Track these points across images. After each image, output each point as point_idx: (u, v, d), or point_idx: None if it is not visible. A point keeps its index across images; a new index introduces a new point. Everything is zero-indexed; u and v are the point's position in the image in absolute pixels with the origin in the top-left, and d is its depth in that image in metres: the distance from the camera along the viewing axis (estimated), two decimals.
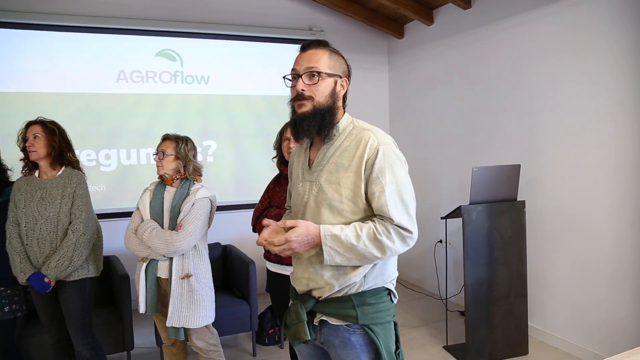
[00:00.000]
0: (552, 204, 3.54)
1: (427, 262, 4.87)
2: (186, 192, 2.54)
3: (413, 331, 3.90)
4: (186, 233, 2.42)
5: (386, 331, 1.58)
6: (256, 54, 4.95)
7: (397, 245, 1.48)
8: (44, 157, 2.56)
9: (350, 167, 1.51)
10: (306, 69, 1.55)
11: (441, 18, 4.68)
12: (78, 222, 2.52)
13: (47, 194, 2.52)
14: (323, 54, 1.57)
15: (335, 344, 1.57)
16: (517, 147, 3.82)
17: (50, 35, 4.23)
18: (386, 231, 1.46)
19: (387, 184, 1.48)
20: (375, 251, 1.46)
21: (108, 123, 4.43)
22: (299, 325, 1.56)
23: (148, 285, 2.49)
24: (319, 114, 1.54)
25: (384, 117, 5.56)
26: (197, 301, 2.49)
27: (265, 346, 3.66)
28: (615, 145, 3.10)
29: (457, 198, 4.34)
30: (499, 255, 3.34)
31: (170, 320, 2.46)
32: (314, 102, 1.54)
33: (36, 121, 2.59)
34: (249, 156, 4.96)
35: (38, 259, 2.48)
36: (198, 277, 2.52)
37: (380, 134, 1.55)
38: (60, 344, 2.67)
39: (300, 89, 1.55)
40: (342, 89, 1.59)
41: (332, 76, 1.56)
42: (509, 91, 3.89)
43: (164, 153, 2.53)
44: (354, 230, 1.47)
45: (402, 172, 1.53)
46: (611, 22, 3.08)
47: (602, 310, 3.22)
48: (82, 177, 2.64)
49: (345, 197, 1.51)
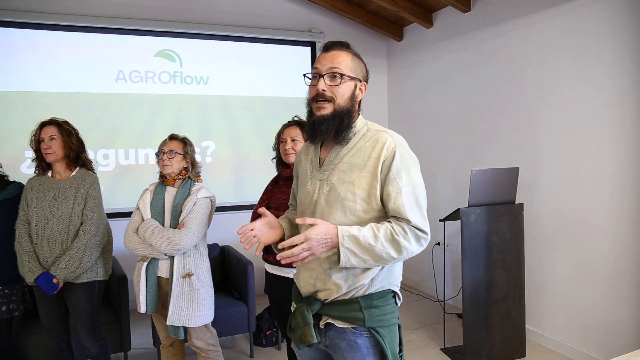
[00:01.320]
0: (551, 206, 3.55)
1: (425, 264, 4.87)
2: (187, 192, 2.56)
3: (411, 333, 3.90)
4: (189, 231, 2.44)
5: (391, 333, 1.58)
6: (256, 55, 4.96)
7: (413, 246, 1.48)
8: (61, 158, 2.56)
9: (366, 167, 1.51)
10: (329, 69, 1.53)
11: (440, 21, 4.69)
12: (90, 223, 2.52)
13: (60, 194, 2.52)
14: (346, 56, 1.56)
15: (341, 347, 1.56)
16: (515, 150, 3.83)
17: (49, 35, 4.23)
18: (403, 231, 1.46)
19: (404, 186, 1.48)
20: (393, 251, 1.45)
21: (106, 123, 4.43)
22: (305, 328, 1.55)
23: (149, 284, 2.48)
24: (338, 117, 1.53)
25: (382, 119, 5.56)
26: (197, 300, 2.49)
27: (263, 347, 3.66)
28: (614, 149, 3.11)
29: (456, 200, 4.34)
30: (497, 258, 3.34)
31: (171, 319, 2.46)
32: (335, 104, 1.53)
33: (51, 122, 2.58)
34: (247, 157, 4.96)
35: (47, 259, 2.47)
36: (199, 276, 2.53)
37: (396, 136, 1.56)
38: (60, 347, 2.65)
39: (321, 89, 1.53)
40: (360, 93, 1.60)
41: (353, 79, 1.56)
42: (508, 94, 3.90)
43: (174, 152, 2.54)
44: (372, 230, 1.45)
45: (417, 174, 1.54)
46: (610, 25, 3.09)
47: (600, 313, 3.22)
48: (96, 178, 2.64)
49: (359, 197, 1.51)
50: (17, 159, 4.12)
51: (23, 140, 4.02)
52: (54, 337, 2.63)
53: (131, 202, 4.47)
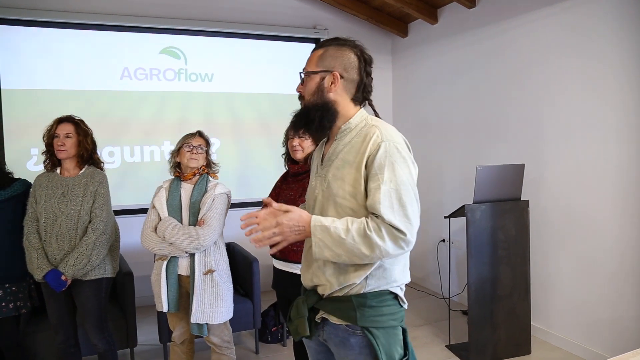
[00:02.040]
0: (556, 203, 3.53)
1: (430, 261, 4.87)
2: (204, 188, 2.57)
3: (415, 330, 3.90)
4: (210, 228, 2.46)
5: (388, 336, 1.52)
6: (260, 52, 4.95)
7: (388, 246, 1.40)
8: (72, 156, 2.57)
9: (354, 163, 1.50)
10: (302, 71, 1.61)
11: (445, 17, 4.67)
12: (98, 220, 2.52)
13: (69, 191, 2.52)
14: (316, 54, 1.59)
15: (335, 342, 1.57)
16: (521, 147, 3.81)
17: (54, 32, 4.24)
18: (377, 228, 1.39)
19: (385, 182, 1.42)
20: (364, 248, 1.39)
21: (112, 120, 4.44)
22: (301, 320, 1.57)
23: (169, 283, 2.49)
24: (304, 112, 1.57)
25: (387, 116, 5.55)
26: (220, 296, 2.51)
27: (268, 344, 3.67)
28: (620, 145, 3.09)
29: (461, 197, 4.33)
30: (502, 255, 3.33)
31: (195, 317, 2.47)
32: (305, 100, 1.59)
33: (68, 119, 2.58)
34: (252, 154, 4.96)
35: (56, 256, 2.48)
36: (220, 272, 2.55)
37: (387, 130, 1.51)
38: (68, 343, 2.66)
39: (297, 90, 1.63)
40: (332, 84, 1.55)
41: (317, 73, 1.56)
42: (513, 90, 3.88)
43: (202, 148, 2.59)
44: (345, 223, 1.42)
45: (404, 172, 1.46)
46: (615, 22, 3.07)
47: (605, 310, 3.21)
48: (104, 176, 2.65)
49: (348, 193, 1.50)
50: (23, 157, 4.14)
51: (29, 137, 4.08)
52: (62, 334, 2.64)
53: (137, 199, 4.51)
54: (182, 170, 2.61)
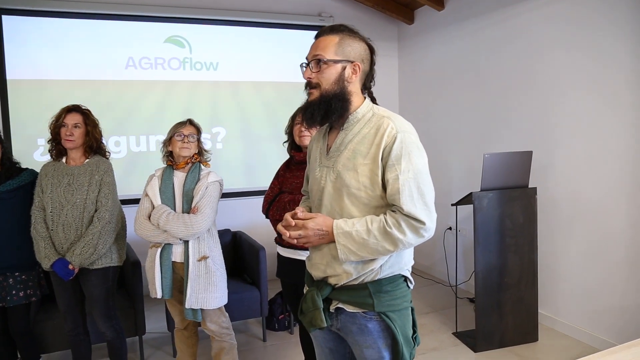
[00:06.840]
0: (564, 190, 3.51)
1: (437, 249, 4.86)
2: (197, 176, 2.58)
3: (423, 317, 3.91)
4: (204, 215, 2.48)
5: (403, 317, 1.58)
6: (265, 40, 4.92)
7: (410, 238, 1.45)
8: (79, 146, 2.57)
9: (369, 154, 1.50)
10: (312, 57, 1.56)
11: (452, 3, 4.61)
12: (104, 209, 2.53)
13: (75, 180, 2.53)
14: (331, 40, 1.55)
15: (352, 330, 1.58)
16: (529, 134, 3.78)
17: (59, 22, 4.23)
18: (396, 223, 1.44)
19: (403, 172, 1.45)
20: (387, 245, 1.45)
21: (117, 110, 4.44)
22: (315, 312, 1.57)
23: (163, 270, 2.51)
24: (324, 102, 1.54)
25: (393, 104, 5.52)
26: (213, 282, 2.53)
27: (275, 332, 3.69)
28: (628, 132, 3.06)
29: (468, 185, 4.31)
30: (509, 243, 3.32)
31: (189, 302, 2.49)
32: (321, 89, 1.54)
33: (77, 109, 2.59)
34: (258, 142, 4.96)
35: (63, 245, 2.50)
36: (213, 258, 2.57)
37: (399, 122, 1.52)
38: (77, 331, 2.70)
39: (306, 77, 1.57)
40: (352, 74, 1.56)
41: (339, 62, 1.54)
42: (521, 77, 3.84)
43: (194, 136, 2.58)
44: (365, 224, 1.47)
45: (421, 161, 1.50)
46: (629, 7, 3.01)
47: (613, 297, 3.20)
48: (110, 165, 2.65)
49: (363, 185, 1.50)
50: (29, 147, 4.16)
51: (35, 128, 4.09)
52: (71, 321, 2.67)
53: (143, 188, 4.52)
54: (174, 159, 2.61)
